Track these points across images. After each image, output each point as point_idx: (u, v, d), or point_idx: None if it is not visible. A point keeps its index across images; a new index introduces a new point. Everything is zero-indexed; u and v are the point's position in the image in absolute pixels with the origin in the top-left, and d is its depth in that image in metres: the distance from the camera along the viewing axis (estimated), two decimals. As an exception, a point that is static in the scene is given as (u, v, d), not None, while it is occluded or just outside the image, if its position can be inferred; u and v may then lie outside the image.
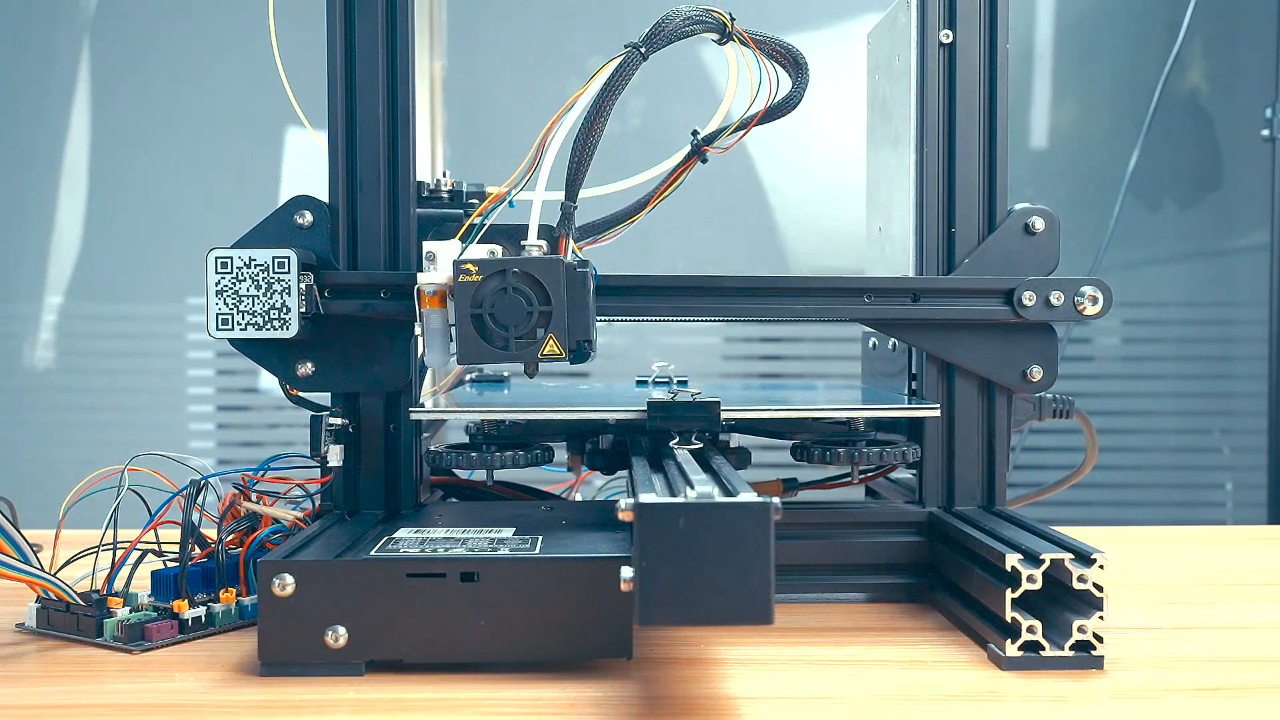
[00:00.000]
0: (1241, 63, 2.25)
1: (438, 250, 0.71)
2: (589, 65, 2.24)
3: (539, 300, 0.69)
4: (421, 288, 0.72)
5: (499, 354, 0.69)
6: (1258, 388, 2.13)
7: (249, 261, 0.73)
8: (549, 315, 0.69)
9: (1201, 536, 1.12)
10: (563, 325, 0.69)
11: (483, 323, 0.69)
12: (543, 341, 0.68)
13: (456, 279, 0.69)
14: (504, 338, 0.68)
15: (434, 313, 0.72)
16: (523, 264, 0.69)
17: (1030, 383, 0.80)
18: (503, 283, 0.68)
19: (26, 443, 2.22)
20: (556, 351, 0.69)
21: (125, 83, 2.22)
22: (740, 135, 0.76)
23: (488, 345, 0.69)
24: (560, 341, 0.69)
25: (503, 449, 0.81)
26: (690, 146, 0.78)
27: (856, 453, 0.79)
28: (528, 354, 0.69)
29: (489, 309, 0.68)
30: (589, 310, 0.70)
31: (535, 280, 0.69)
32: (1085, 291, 0.78)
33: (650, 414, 0.75)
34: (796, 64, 0.76)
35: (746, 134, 0.76)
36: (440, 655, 0.63)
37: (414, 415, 0.78)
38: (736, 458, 0.83)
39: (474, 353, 0.69)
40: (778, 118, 0.77)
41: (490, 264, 0.69)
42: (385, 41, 0.77)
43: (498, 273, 0.68)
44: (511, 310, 0.68)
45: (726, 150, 0.78)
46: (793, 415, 0.82)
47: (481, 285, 0.68)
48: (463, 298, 0.68)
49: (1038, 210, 0.80)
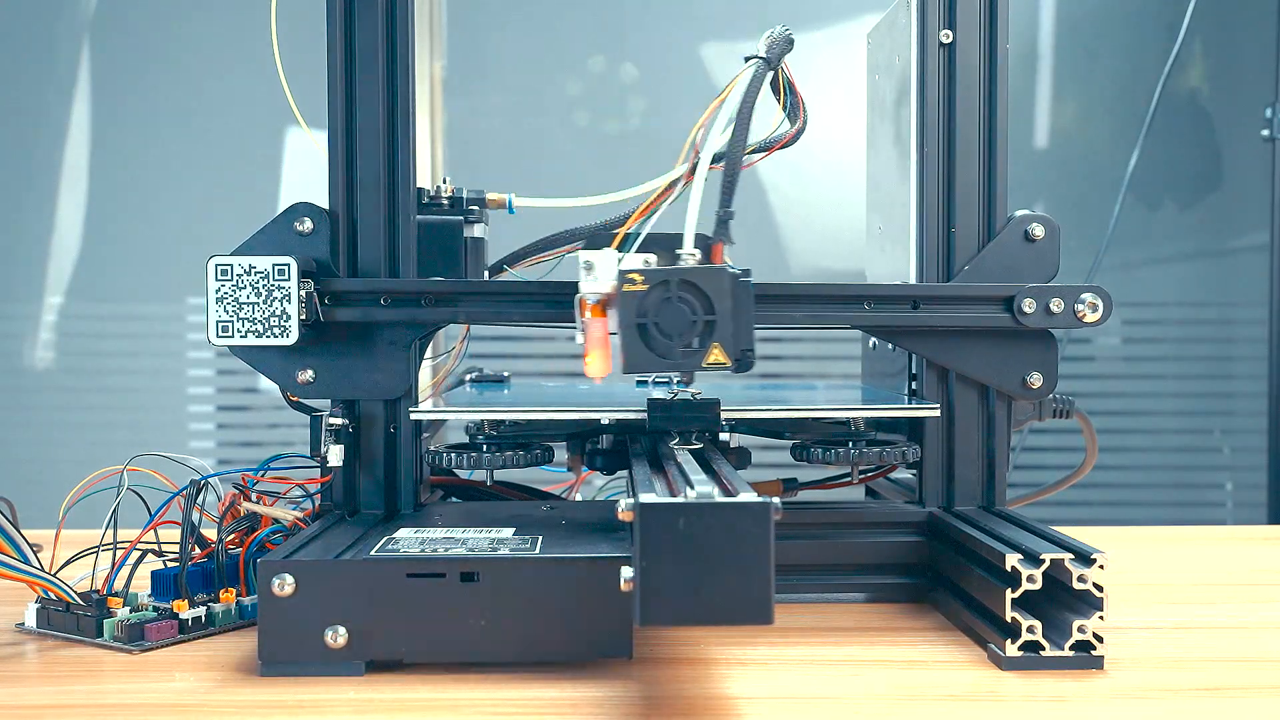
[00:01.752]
0: (1241, 63, 2.25)
1: (595, 260, 0.71)
2: (589, 65, 2.24)
3: (703, 309, 0.68)
4: (584, 297, 0.71)
5: (663, 363, 0.68)
6: (1258, 388, 2.13)
7: (249, 269, 0.73)
8: (713, 324, 0.68)
9: (1201, 536, 1.12)
10: (727, 334, 0.68)
11: (647, 332, 0.68)
12: (707, 351, 0.68)
13: (621, 288, 0.68)
14: (668, 347, 0.68)
15: (596, 322, 0.71)
16: (688, 273, 0.69)
17: (1030, 389, 0.80)
18: (667, 292, 0.68)
19: (26, 443, 2.22)
20: (722, 360, 0.68)
21: (125, 83, 2.22)
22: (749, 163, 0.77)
23: (652, 354, 0.68)
24: (725, 350, 0.68)
25: (503, 449, 0.81)
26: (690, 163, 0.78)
27: (856, 453, 0.78)
28: (692, 363, 0.68)
29: (654, 318, 0.68)
30: (752, 319, 0.69)
31: (699, 289, 0.68)
32: (1085, 299, 0.78)
33: (650, 414, 0.75)
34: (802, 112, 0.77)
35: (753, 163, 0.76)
36: (440, 655, 0.63)
37: (414, 415, 0.78)
38: (736, 458, 0.83)
39: (639, 362, 0.68)
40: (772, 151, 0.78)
41: (656, 273, 0.68)
42: (385, 41, 0.77)
43: (662, 282, 0.68)
44: (676, 320, 0.68)
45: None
46: (793, 415, 0.82)
47: (646, 295, 0.68)
48: (627, 307, 0.68)
49: (1038, 217, 0.80)
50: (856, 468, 0.82)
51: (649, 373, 0.70)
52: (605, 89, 2.24)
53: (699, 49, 2.23)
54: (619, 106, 2.24)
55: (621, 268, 0.69)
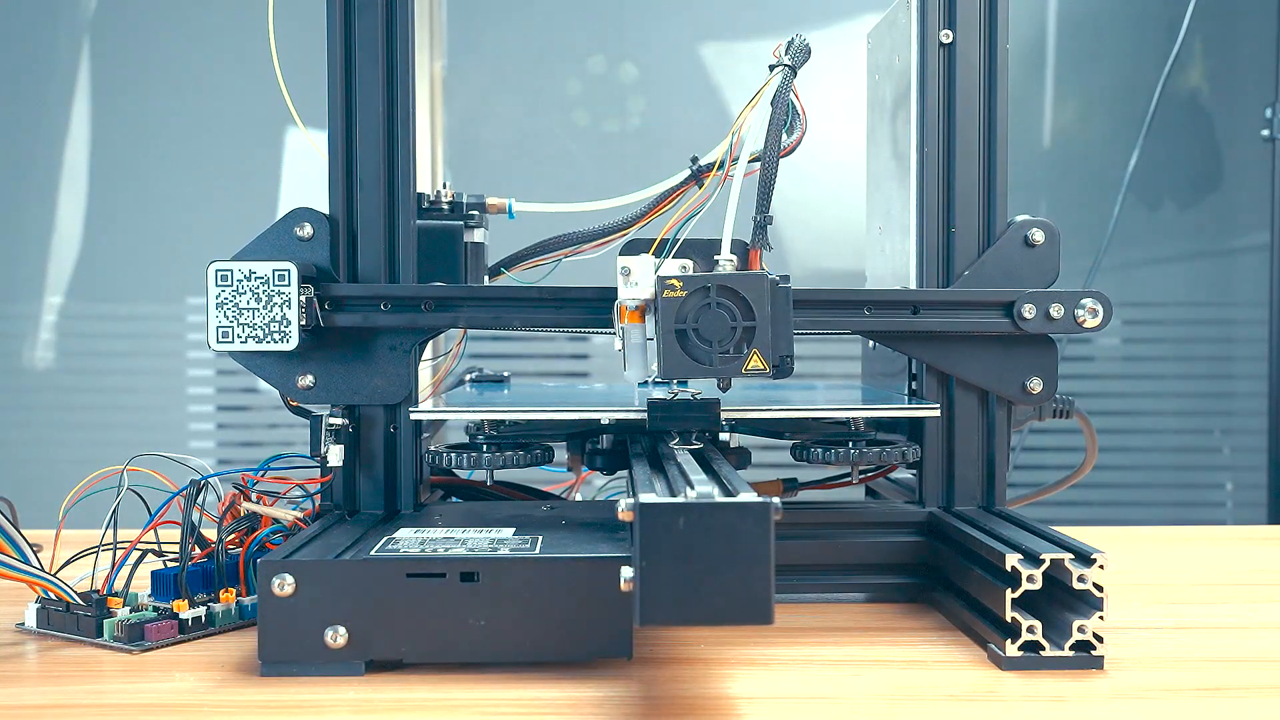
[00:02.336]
0: (1241, 63, 2.25)
1: (633, 265, 0.71)
2: (589, 65, 2.24)
3: (742, 315, 0.69)
4: (623, 303, 0.72)
5: (703, 369, 0.69)
6: (1258, 388, 2.13)
7: (249, 274, 0.73)
8: (753, 331, 0.68)
9: (1201, 536, 1.12)
10: (766, 340, 0.68)
11: (686, 338, 0.69)
12: (746, 357, 0.68)
13: (660, 294, 0.69)
14: (707, 353, 0.68)
15: (635, 328, 0.72)
16: (727, 279, 0.69)
17: (1030, 395, 0.80)
18: (706, 298, 0.68)
19: (26, 443, 2.21)
20: (761, 366, 0.69)
21: (125, 83, 2.22)
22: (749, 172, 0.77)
23: (692, 360, 0.69)
24: (764, 356, 0.68)
25: (503, 449, 0.81)
26: (689, 171, 0.78)
27: (856, 453, 0.78)
28: (731, 369, 0.69)
29: (693, 324, 0.68)
30: (791, 325, 0.70)
31: (739, 295, 0.69)
32: (1085, 304, 0.78)
33: (650, 414, 0.75)
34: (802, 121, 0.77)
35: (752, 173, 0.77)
36: (440, 655, 0.63)
37: (414, 415, 0.78)
38: (736, 458, 0.83)
39: (678, 368, 0.69)
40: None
41: (695, 280, 0.69)
42: (385, 41, 0.77)
43: (701, 288, 0.68)
44: (715, 326, 0.68)
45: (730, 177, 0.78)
46: (793, 415, 0.82)
47: (685, 301, 0.68)
48: (667, 313, 0.68)
49: (1038, 222, 0.80)
50: (856, 468, 0.82)
51: (687, 378, 0.70)
52: (605, 89, 2.24)
53: (699, 49, 2.23)
54: (619, 106, 2.24)
55: (660, 274, 0.69)
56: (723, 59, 2.21)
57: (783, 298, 0.69)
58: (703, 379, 0.71)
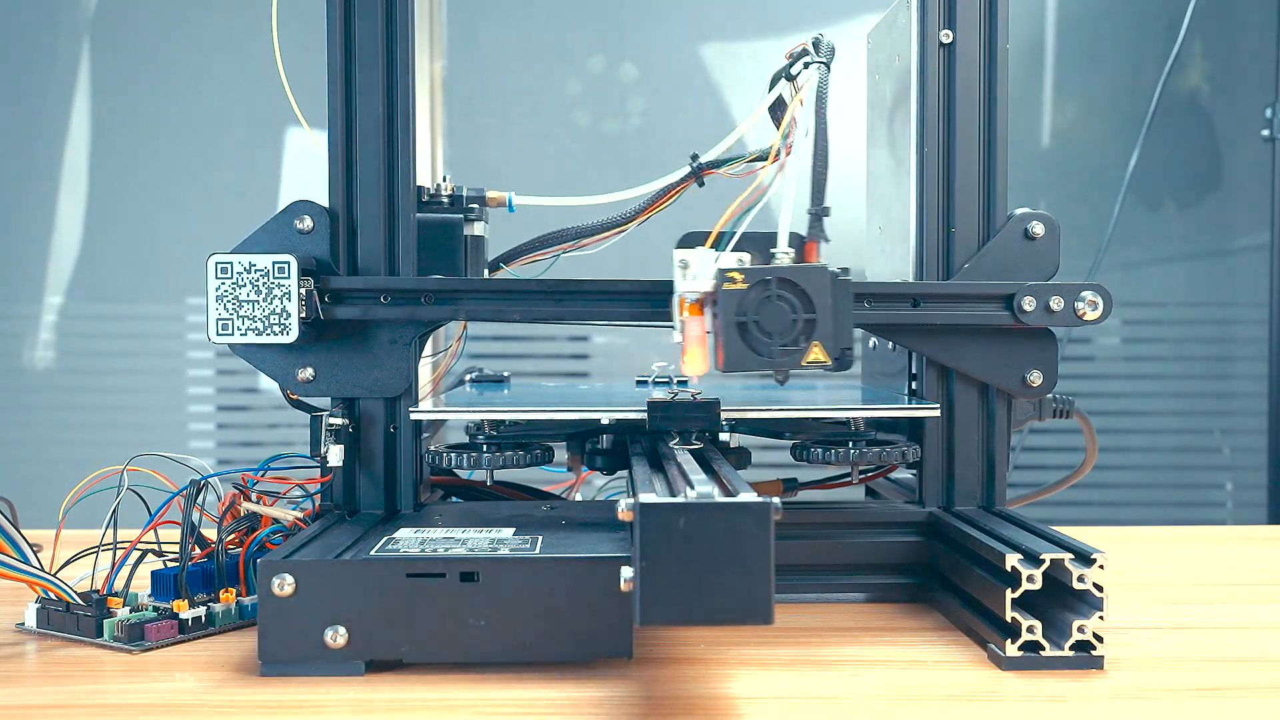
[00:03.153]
0: (1241, 63, 2.25)
1: (691, 258, 0.71)
2: (589, 65, 2.24)
3: (803, 308, 0.68)
4: (683, 296, 0.71)
5: (763, 361, 0.68)
6: (1258, 388, 2.13)
7: (249, 266, 0.73)
8: (813, 323, 0.68)
9: (1201, 536, 1.12)
10: (828, 332, 0.68)
11: (747, 330, 0.68)
12: (807, 349, 0.68)
13: (720, 287, 0.68)
14: (768, 345, 0.68)
15: (695, 320, 0.71)
16: (788, 272, 0.69)
17: (1030, 388, 0.80)
18: (767, 290, 0.68)
19: (26, 443, 2.22)
20: (821, 359, 0.68)
21: (125, 83, 2.22)
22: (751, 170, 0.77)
23: (752, 353, 0.68)
24: (825, 348, 0.68)
25: (503, 449, 0.81)
26: (689, 169, 0.78)
27: (856, 453, 0.78)
28: (792, 361, 0.68)
29: (754, 316, 0.68)
30: (851, 317, 0.70)
31: (799, 288, 0.68)
32: (1085, 297, 0.78)
33: (650, 414, 0.75)
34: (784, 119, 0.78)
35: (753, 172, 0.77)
36: (440, 655, 0.63)
37: (414, 415, 0.78)
38: (736, 458, 0.83)
39: (739, 360, 0.68)
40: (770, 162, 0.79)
41: (756, 272, 0.68)
42: (385, 41, 0.77)
43: (762, 281, 0.68)
44: (777, 318, 0.68)
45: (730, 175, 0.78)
46: (793, 415, 0.82)
47: (746, 293, 0.68)
48: (727, 306, 0.68)
49: (1038, 215, 0.80)
50: (856, 468, 0.81)
51: (748, 370, 0.69)
52: (605, 89, 2.24)
53: (699, 49, 2.23)
54: (619, 106, 2.24)
55: (719, 266, 0.69)
56: (723, 59, 2.21)
57: (843, 290, 0.69)
58: (762, 370, 0.71)
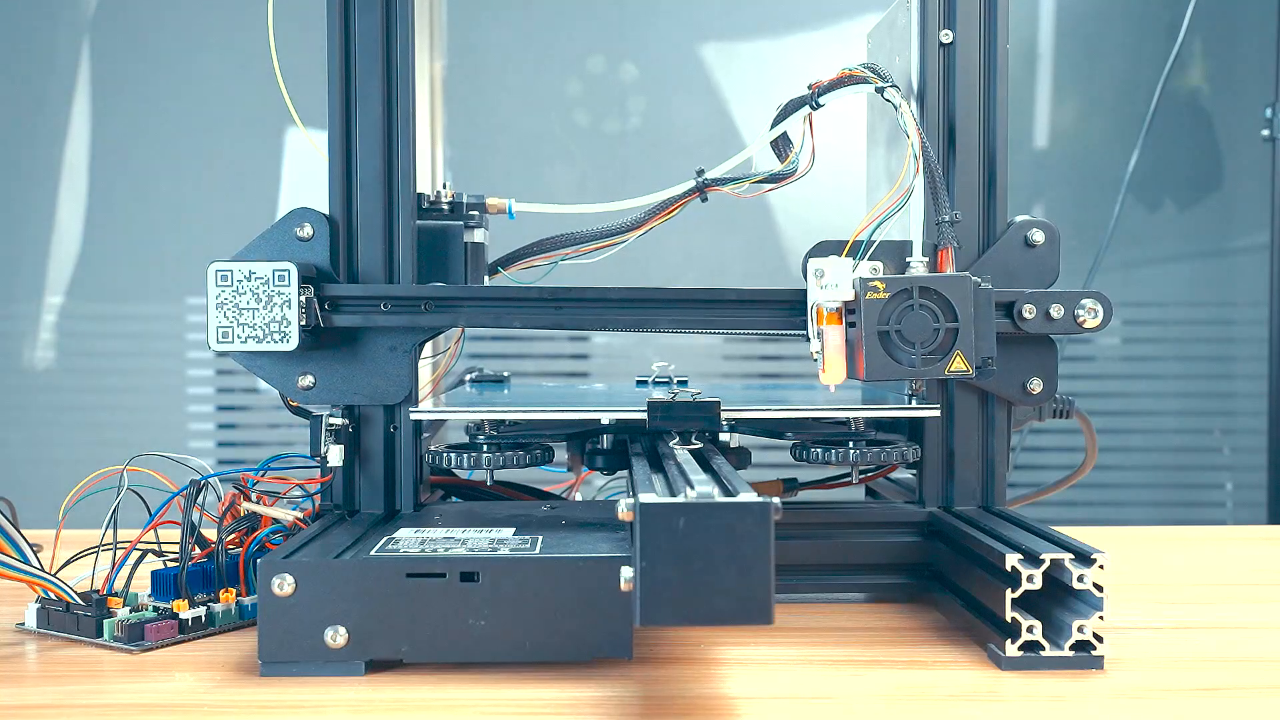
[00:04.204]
0: (1241, 63, 2.25)
1: (827, 267, 0.71)
2: (589, 65, 2.24)
3: (945, 317, 0.68)
4: (821, 305, 0.71)
5: (905, 370, 0.69)
6: (1258, 388, 2.13)
7: (249, 274, 0.73)
8: (955, 332, 0.68)
9: (1201, 536, 1.12)
10: (970, 342, 0.68)
11: (889, 340, 0.68)
12: (949, 358, 0.68)
13: (864, 296, 0.68)
14: (909, 354, 0.68)
15: (833, 330, 0.71)
16: (930, 281, 0.69)
17: (1030, 395, 0.80)
18: (909, 300, 0.68)
19: (26, 443, 2.21)
20: (964, 368, 0.68)
21: (125, 83, 2.22)
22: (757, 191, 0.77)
23: (894, 362, 0.69)
24: (967, 358, 0.68)
25: (503, 449, 0.81)
26: (694, 183, 0.78)
27: (857, 453, 0.78)
28: (935, 370, 0.69)
29: (895, 326, 0.68)
30: (994, 326, 0.70)
31: (942, 297, 0.68)
32: (1085, 304, 0.78)
33: (650, 414, 0.75)
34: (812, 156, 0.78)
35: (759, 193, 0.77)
36: (440, 655, 0.63)
37: (414, 415, 0.78)
38: (736, 458, 0.82)
39: (881, 370, 0.69)
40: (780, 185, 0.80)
41: (898, 281, 0.69)
42: (385, 41, 0.77)
43: (904, 290, 0.68)
44: (919, 327, 0.68)
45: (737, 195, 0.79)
46: (793, 415, 0.82)
47: (889, 303, 0.68)
48: (870, 315, 0.68)
49: (1038, 223, 0.80)
50: (856, 468, 0.81)
51: (890, 379, 0.69)
52: (605, 89, 2.24)
53: (699, 49, 2.23)
54: (619, 106, 2.24)
55: (858, 275, 0.69)
56: (723, 59, 2.21)
57: (985, 299, 0.69)
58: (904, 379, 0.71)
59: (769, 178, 0.79)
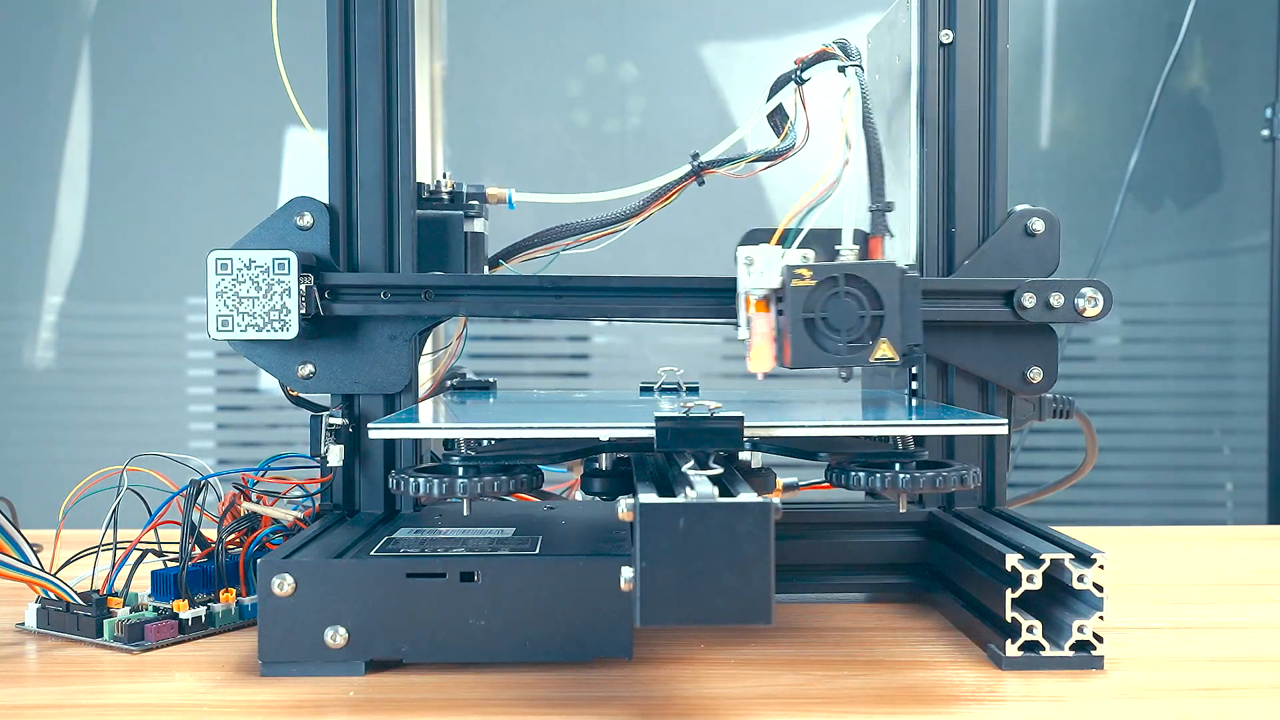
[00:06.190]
0: (1241, 63, 2.25)
1: (757, 255, 0.71)
2: (589, 65, 2.24)
3: (871, 304, 0.68)
4: (749, 293, 0.71)
5: (831, 358, 0.68)
6: (1258, 388, 2.13)
7: (249, 263, 0.73)
8: (881, 319, 0.68)
9: (1201, 536, 1.12)
10: (896, 329, 0.68)
11: (815, 327, 0.68)
12: (875, 345, 0.68)
13: (789, 283, 0.68)
14: (836, 342, 0.68)
15: (762, 317, 0.71)
16: (857, 268, 0.68)
17: (1030, 384, 0.80)
18: (835, 287, 0.68)
19: (26, 443, 2.21)
20: (889, 355, 0.68)
21: (125, 83, 2.22)
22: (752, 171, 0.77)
23: (820, 349, 0.68)
24: (893, 345, 0.68)
25: (481, 473, 0.67)
26: (690, 167, 0.78)
27: (907, 478, 0.67)
28: (860, 358, 0.68)
29: (821, 313, 0.68)
30: (919, 314, 0.69)
31: (868, 285, 0.68)
32: (1085, 293, 0.78)
33: (659, 434, 0.64)
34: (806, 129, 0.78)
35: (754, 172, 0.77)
36: (440, 655, 0.63)
37: (373, 434, 0.65)
38: (761, 481, 0.75)
39: (806, 357, 0.68)
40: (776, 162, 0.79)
41: (824, 268, 0.68)
42: (385, 41, 0.77)
43: (830, 277, 0.68)
44: (844, 314, 0.67)
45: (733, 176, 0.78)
46: (828, 434, 0.71)
47: (815, 290, 0.68)
48: (795, 302, 0.68)
49: (1038, 212, 0.80)
50: (904, 495, 0.69)
51: (814, 367, 0.69)
52: (605, 89, 2.24)
53: (699, 49, 2.23)
54: (619, 106, 2.24)
55: (785, 263, 0.69)
56: (723, 59, 2.21)
57: (911, 287, 0.69)
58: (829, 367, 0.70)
59: (764, 155, 0.78)
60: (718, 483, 0.61)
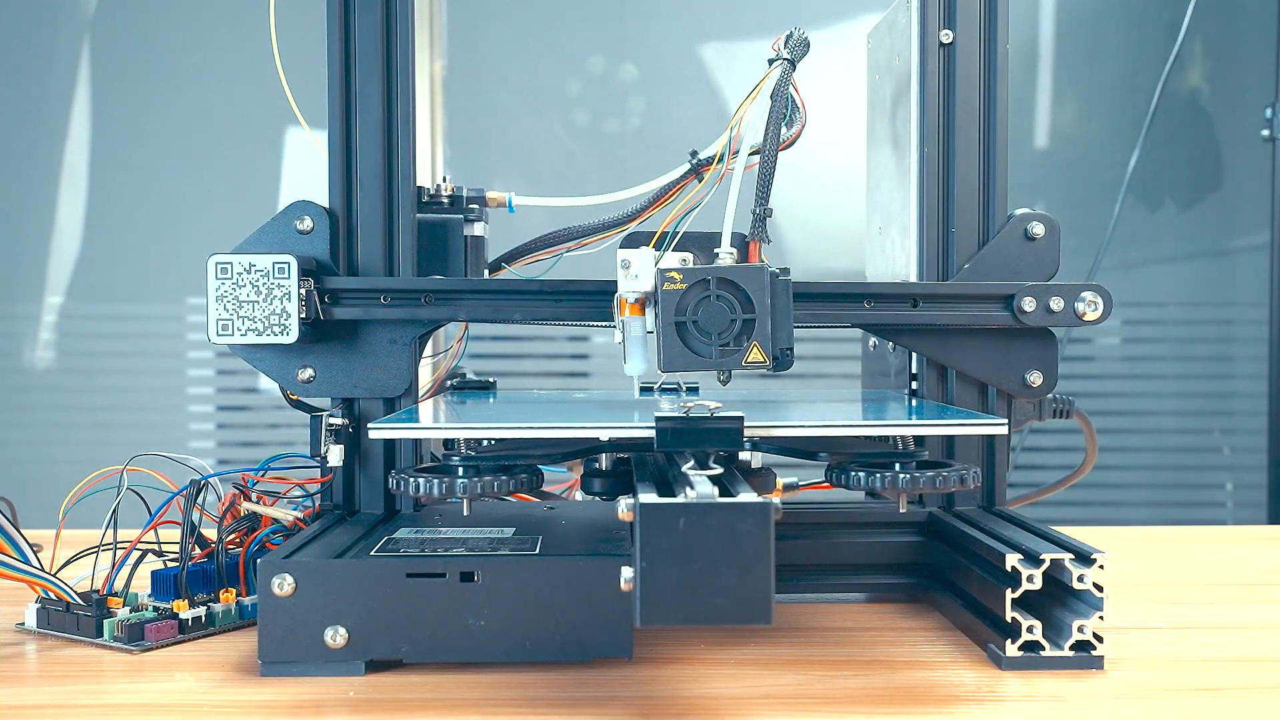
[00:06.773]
0: (1241, 63, 2.25)
1: (633, 258, 0.71)
2: (589, 65, 2.24)
3: (742, 308, 0.68)
4: (623, 296, 0.71)
5: (703, 361, 0.68)
6: (1258, 388, 2.13)
7: (249, 267, 0.73)
8: (752, 323, 0.68)
9: (1201, 536, 1.12)
10: (766, 333, 0.68)
11: (686, 330, 0.68)
12: (746, 349, 0.68)
13: (660, 287, 0.68)
14: (707, 345, 0.68)
15: (635, 320, 0.71)
16: (727, 271, 0.69)
17: (1030, 388, 0.80)
18: (706, 290, 0.68)
19: (26, 443, 2.22)
20: (760, 359, 0.68)
21: (125, 83, 2.22)
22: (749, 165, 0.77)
23: (691, 353, 0.68)
24: (764, 349, 0.68)
25: (481, 473, 0.68)
26: (688, 165, 0.78)
27: (907, 478, 0.66)
28: (731, 362, 0.68)
29: (692, 316, 0.68)
30: (791, 318, 0.69)
31: (739, 288, 0.68)
32: (1085, 297, 0.78)
33: (659, 434, 0.64)
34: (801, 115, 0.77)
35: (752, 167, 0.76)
36: (440, 655, 0.63)
37: (373, 434, 0.66)
38: (761, 481, 0.75)
39: (677, 360, 0.68)
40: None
41: (695, 272, 0.68)
42: (385, 41, 0.77)
43: (701, 281, 0.68)
44: (715, 318, 0.68)
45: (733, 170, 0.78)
46: (829, 433, 0.71)
47: (685, 293, 0.68)
48: (667, 305, 0.68)
49: (1038, 216, 0.80)
50: (904, 495, 0.69)
51: (686, 370, 0.69)
52: (605, 89, 2.24)
53: (699, 49, 2.23)
54: (619, 106, 2.24)
55: (660, 266, 0.69)
56: (723, 59, 2.21)
57: (783, 290, 0.69)
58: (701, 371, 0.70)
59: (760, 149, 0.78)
60: (718, 483, 0.61)
